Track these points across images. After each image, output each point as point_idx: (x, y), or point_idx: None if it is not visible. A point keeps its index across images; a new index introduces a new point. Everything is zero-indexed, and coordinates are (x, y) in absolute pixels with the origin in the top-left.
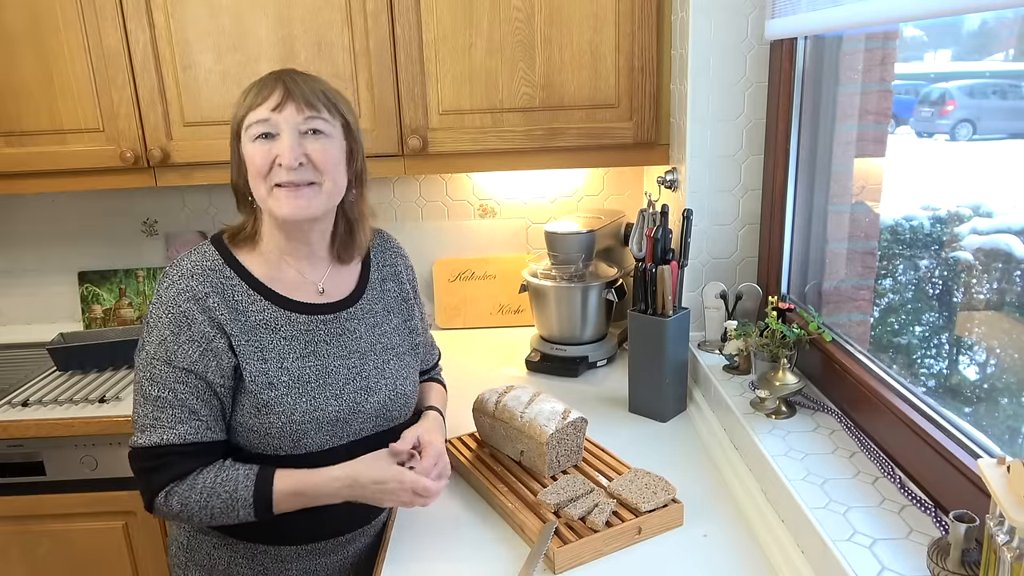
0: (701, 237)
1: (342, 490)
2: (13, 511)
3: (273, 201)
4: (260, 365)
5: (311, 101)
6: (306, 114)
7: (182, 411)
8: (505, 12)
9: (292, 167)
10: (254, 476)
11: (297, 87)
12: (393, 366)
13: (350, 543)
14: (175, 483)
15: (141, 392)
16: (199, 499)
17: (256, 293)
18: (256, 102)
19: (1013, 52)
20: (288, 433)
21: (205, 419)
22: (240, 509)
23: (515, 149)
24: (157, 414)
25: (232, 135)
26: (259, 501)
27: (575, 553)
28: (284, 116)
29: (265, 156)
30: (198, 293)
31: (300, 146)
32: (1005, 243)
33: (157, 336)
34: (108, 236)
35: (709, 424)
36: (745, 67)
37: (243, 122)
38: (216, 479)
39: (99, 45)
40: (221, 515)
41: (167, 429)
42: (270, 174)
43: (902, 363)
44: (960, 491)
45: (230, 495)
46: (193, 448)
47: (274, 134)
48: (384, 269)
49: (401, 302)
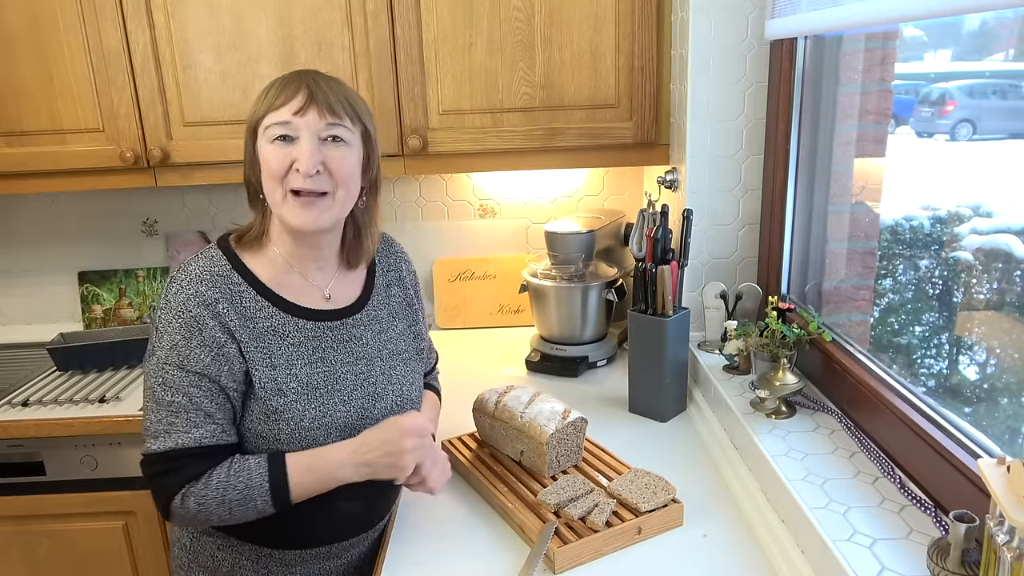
0: (701, 237)
1: (352, 456)
2: (13, 511)
3: (286, 209)
4: (269, 371)
5: (334, 108)
6: (328, 120)
7: (197, 415)
8: (505, 12)
9: (309, 174)
10: (266, 462)
11: (321, 91)
12: (400, 372)
13: (354, 547)
14: (190, 484)
15: (153, 398)
16: (215, 495)
17: (263, 299)
18: (277, 103)
19: (1013, 52)
20: (298, 439)
21: (220, 423)
22: (258, 498)
23: (515, 149)
24: (172, 419)
25: (248, 131)
26: (275, 484)
27: (575, 553)
28: (306, 121)
29: (282, 159)
30: (208, 299)
31: (319, 152)
32: (1005, 243)
33: (168, 341)
34: (108, 236)
35: (709, 424)
36: (745, 67)
37: (262, 121)
38: (229, 471)
39: (99, 45)
40: (240, 507)
41: (183, 433)
42: (286, 178)
43: (902, 363)
44: (960, 491)
45: (245, 484)
46: (209, 450)
47: (293, 137)
48: (389, 274)
49: (406, 307)
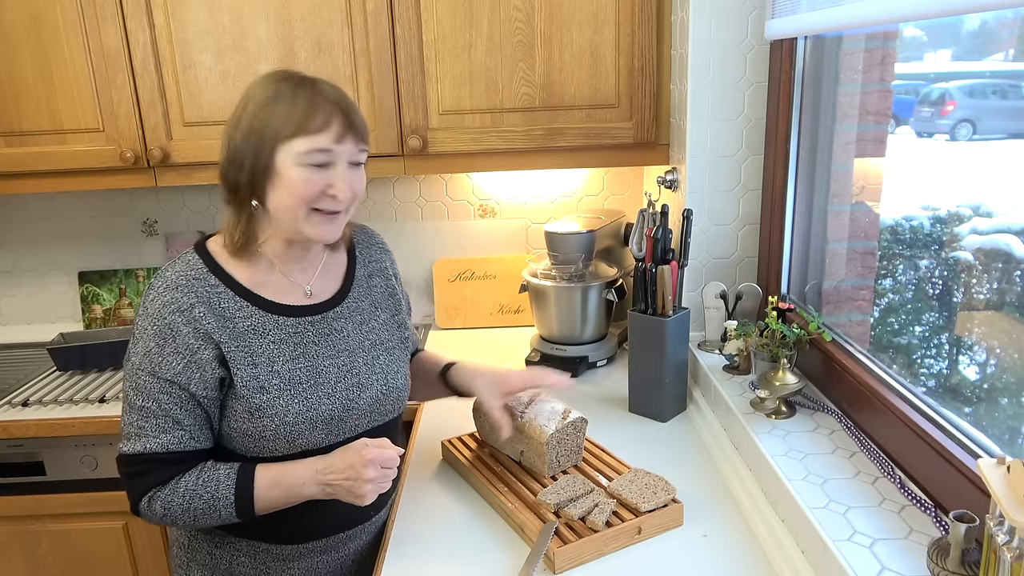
0: (701, 237)
1: (316, 475)
2: (13, 511)
3: (309, 225)
4: (251, 370)
5: (364, 135)
6: (360, 147)
7: (166, 421)
8: (505, 12)
9: (349, 201)
10: (235, 475)
11: (354, 116)
12: (383, 361)
13: (351, 540)
14: (157, 488)
15: (127, 401)
16: (180, 502)
17: (242, 299)
18: (313, 126)
19: (1013, 52)
20: (283, 435)
21: (188, 428)
22: (222, 509)
23: (515, 149)
24: (142, 423)
25: (259, 139)
26: (240, 499)
27: (575, 553)
28: (345, 148)
29: (318, 184)
30: (183, 304)
31: (350, 178)
32: (1005, 243)
33: (142, 347)
34: (108, 236)
35: (709, 424)
36: (745, 67)
37: (290, 140)
38: (198, 480)
39: (99, 45)
40: (204, 516)
41: (151, 438)
42: (316, 201)
43: (902, 363)
44: (960, 491)
45: (212, 495)
46: (176, 456)
47: (330, 164)
48: (370, 265)
49: (388, 297)
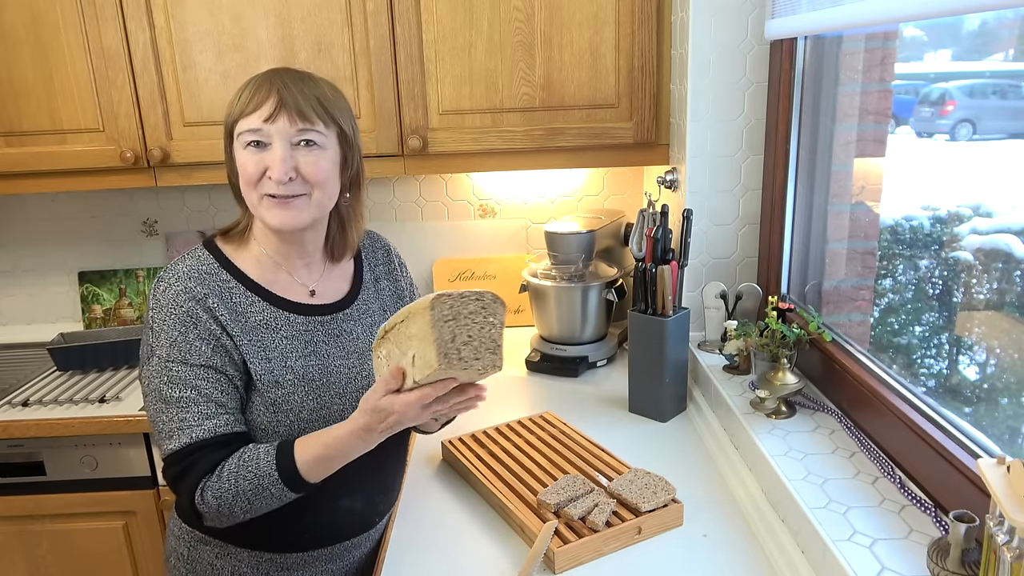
0: (701, 237)
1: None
2: (13, 511)
3: (263, 211)
4: (265, 364)
5: (304, 112)
6: (299, 126)
7: (208, 406)
8: (505, 12)
9: (282, 181)
10: (274, 449)
11: (291, 95)
12: None
13: (354, 548)
14: (207, 478)
15: (161, 398)
16: (228, 486)
17: (253, 294)
18: (248, 108)
19: (1013, 52)
20: (297, 431)
21: (232, 411)
22: (270, 486)
23: (515, 149)
24: (183, 415)
25: (225, 134)
26: (283, 466)
27: (575, 553)
28: (277, 127)
29: (256, 165)
30: (197, 294)
31: (291, 159)
32: (1005, 243)
33: (166, 339)
34: (108, 236)
35: (709, 424)
36: (745, 67)
37: (235, 125)
38: (239, 460)
39: (99, 45)
40: (255, 496)
41: (196, 427)
42: (260, 183)
43: (902, 363)
44: (960, 491)
45: (255, 472)
46: (225, 438)
47: (265, 143)
48: (377, 268)
49: (396, 300)
